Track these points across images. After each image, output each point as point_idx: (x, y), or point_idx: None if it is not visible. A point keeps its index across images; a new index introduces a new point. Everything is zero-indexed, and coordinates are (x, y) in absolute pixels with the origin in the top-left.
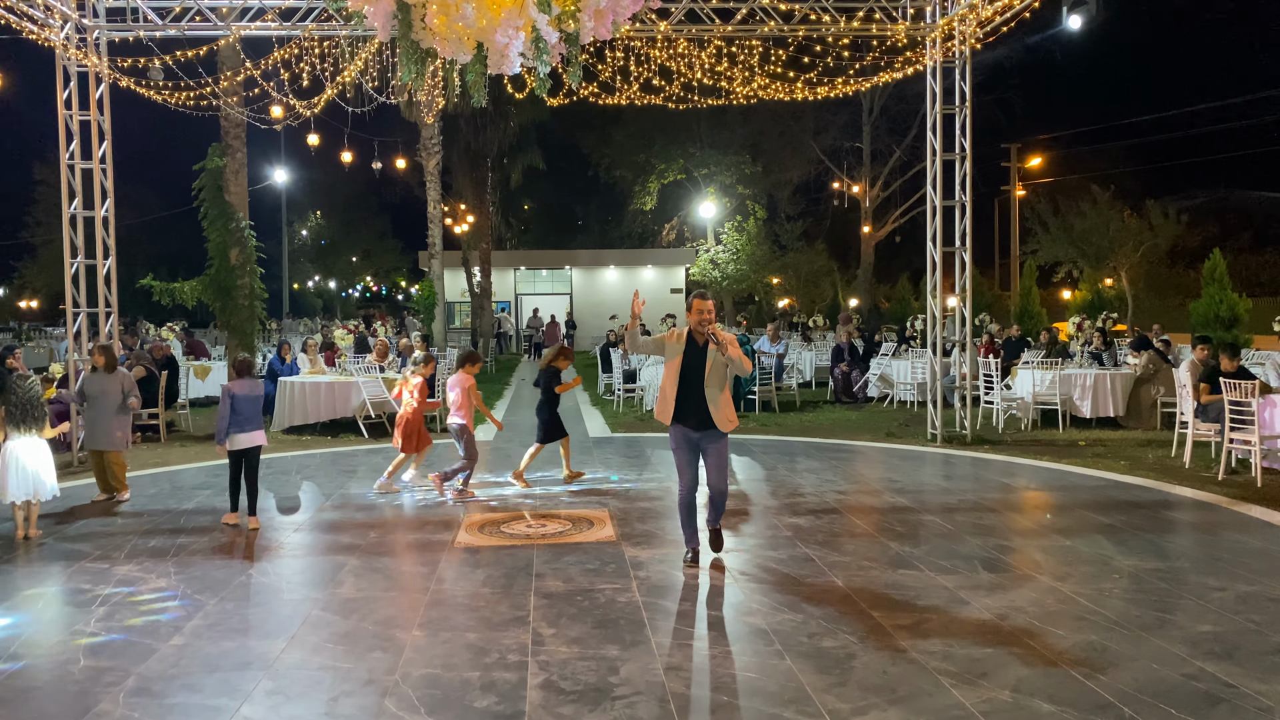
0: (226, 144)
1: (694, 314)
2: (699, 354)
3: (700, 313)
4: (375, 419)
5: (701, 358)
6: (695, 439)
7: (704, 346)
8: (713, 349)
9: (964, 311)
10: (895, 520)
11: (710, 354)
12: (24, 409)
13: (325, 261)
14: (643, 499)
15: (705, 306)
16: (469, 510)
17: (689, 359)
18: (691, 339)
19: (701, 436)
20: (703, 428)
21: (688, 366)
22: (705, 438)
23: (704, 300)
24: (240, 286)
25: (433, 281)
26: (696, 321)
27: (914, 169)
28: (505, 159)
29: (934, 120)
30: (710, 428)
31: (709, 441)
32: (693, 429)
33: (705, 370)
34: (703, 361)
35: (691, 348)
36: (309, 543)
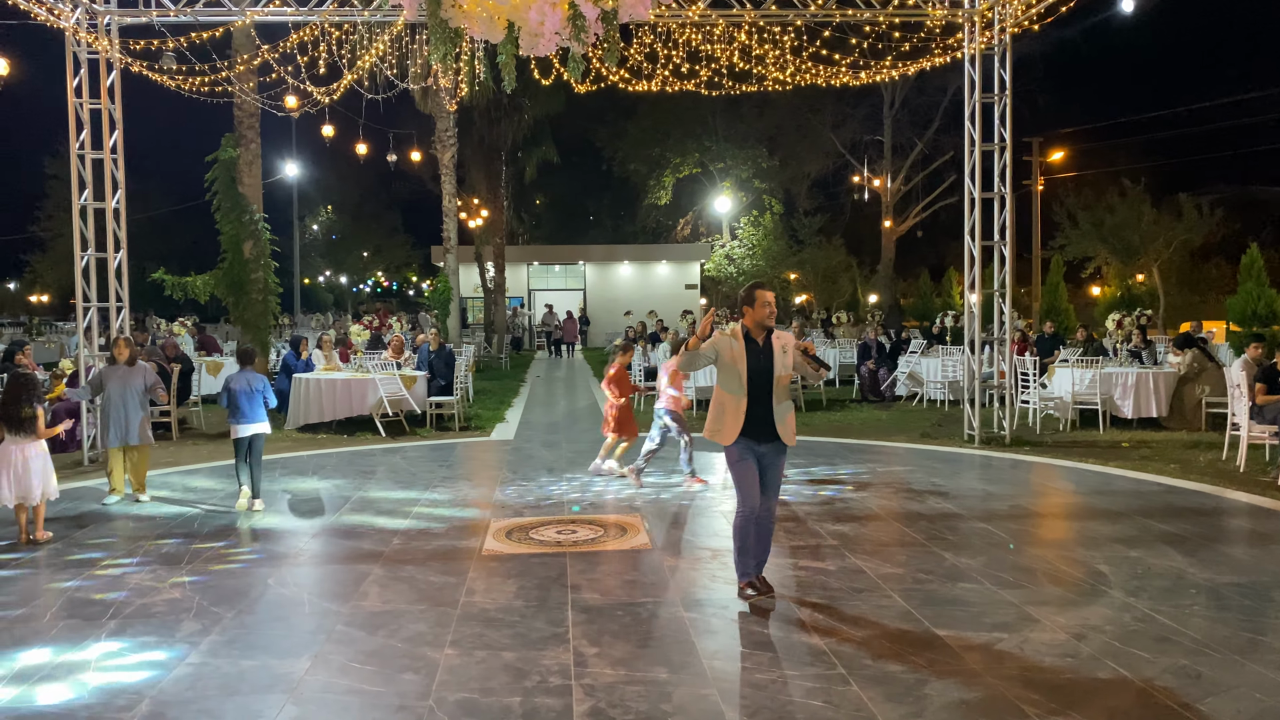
0: (240, 134)
1: (758, 308)
2: (764, 357)
3: (766, 305)
4: (392, 417)
5: (768, 361)
6: (759, 452)
7: (767, 347)
8: (778, 350)
9: (1004, 307)
10: (945, 528)
11: (777, 356)
12: (13, 410)
13: (336, 256)
14: (674, 503)
15: (770, 299)
16: (495, 515)
17: (754, 363)
18: (751, 340)
19: (766, 450)
20: (768, 440)
21: (754, 372)
22: (770, 452)
23: (767, 291)
24: (254, 280)
25: (447, 277)
26: (765, 317)
27: (936, 163)
28: (519, 152)
29: (972, 109)
30: (775, 440)
31: (773, 457)
32: (756, 441)
33: (774, 376)
34: (769, 365)
35: (753, 350)
36: (329, 550)
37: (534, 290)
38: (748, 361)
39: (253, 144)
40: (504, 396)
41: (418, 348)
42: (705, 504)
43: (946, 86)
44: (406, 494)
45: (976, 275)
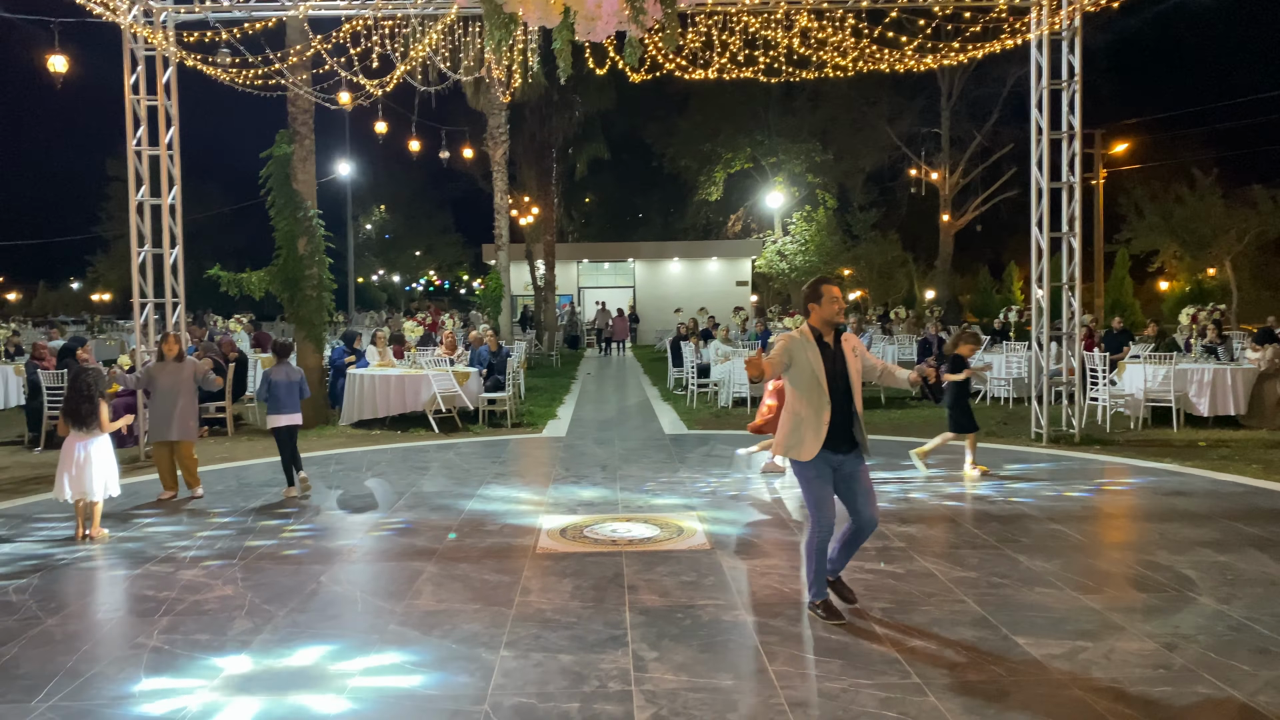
0: (294, 130)
1: (826, 305)
2: (838, 359)
3: (834, 302)
4: (445, 413)
5: (843, 364)
6: (835, 464)
7: (839, 348)
8: (849, 352)
9: (1072, 301)
10: (1017, 529)
11: (849, 359)
12: (74, 404)
13: (389, 255)
14: (731, 502)
15: (838, 294)
16: (549, 512)
17: (830, 368)
18: (823, 342)
19: (844, 460)
20: (846, 450)
21: (833, 376)
22: (849, 461)
23: (834, 286)
24: (308, 277)
25: (499, 274)
26: (834, 314)
27: (995, 155)
28: (570, 149)
29: (1039, 97)
30: (855, 450)
31: (853, 465)
32: (833, 452)
33: (850, 378)
34: (845, 368)
35: (827, 353)
36: (383, 547)
37: (583, 288)
38: (824, 366)
39: (307, 140)
40: (555, 394)
41: (470, 345)
42: (765, 504)
43: (1006, 77)
44: (460, 490)
45: (1044, 268)
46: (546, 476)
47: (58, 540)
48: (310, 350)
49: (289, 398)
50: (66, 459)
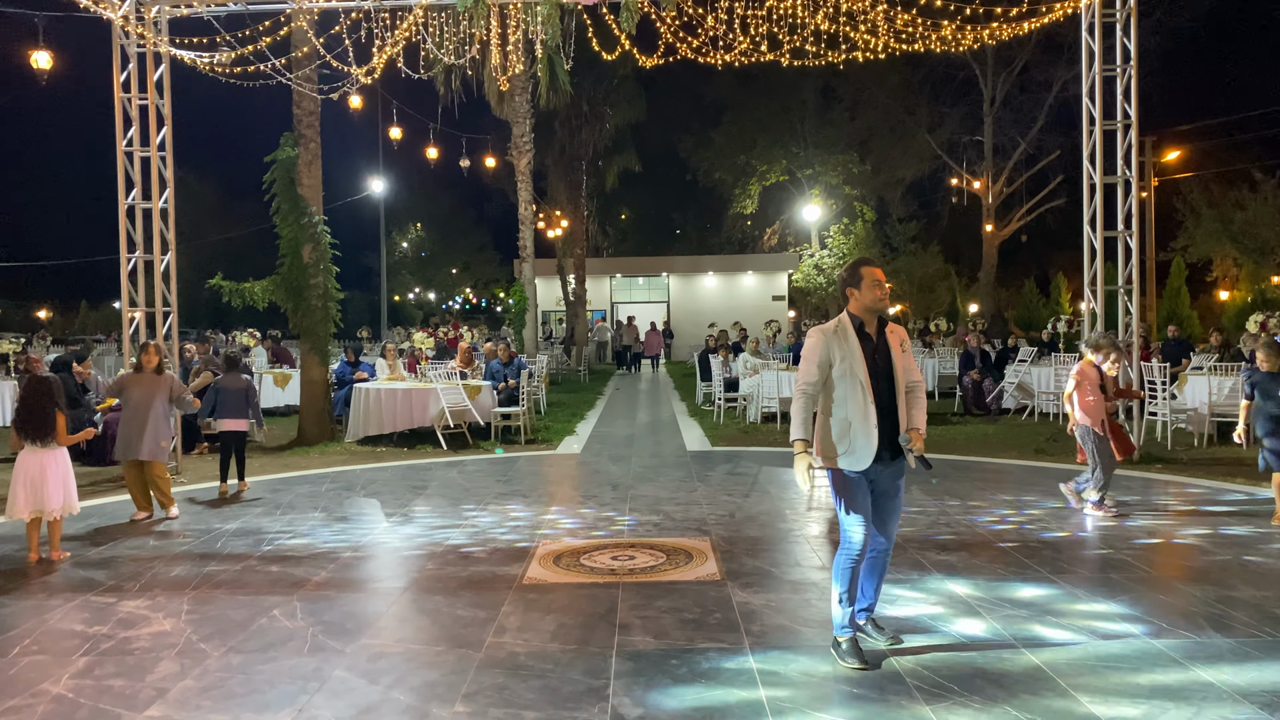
0: (299, 133)
1: (866, 290)
2: (881, 353)
3: (876, 286)
4: (455, 429)
5: (886, 358)
6: (874, 475)
7: (882, 341)
8: (895, 345)
9: (1129, 307)
10: (1073, 559)
11: (896, 353)
12: (26, 416)
13: (425, 273)
14: (751, 525)
15: (880, 277)
16: (546, 536)
17: (873, 364)
18: (864, 331)
19: (884, 472)
20: (889, 460)
21: (875, 373)
22: (889, 474)
23: (875, 268)
24: (313, 286)
25: (523, 287)
26: (875, 300)
27: (1041, 163)
28: (600, 161)
29: (1090, 84)
30: (899, 459)
31: (892, 479)
32: (877, 462)
33: (896, 375)
34: (889, 363)
35: (868, 345)
36: (352, 576)
37: (617, 303)
38: (866, 360)
39: (312, 143)
40: (577, 409)
41: (486, 357)
42: (787, 528)
43: (1051, 82)
44: (454, 512)
45: (1098, 270)
46: (551, 497)
47: (8, 563)
48: (315, 363)
49: (237, 404)
50: (20, 474)
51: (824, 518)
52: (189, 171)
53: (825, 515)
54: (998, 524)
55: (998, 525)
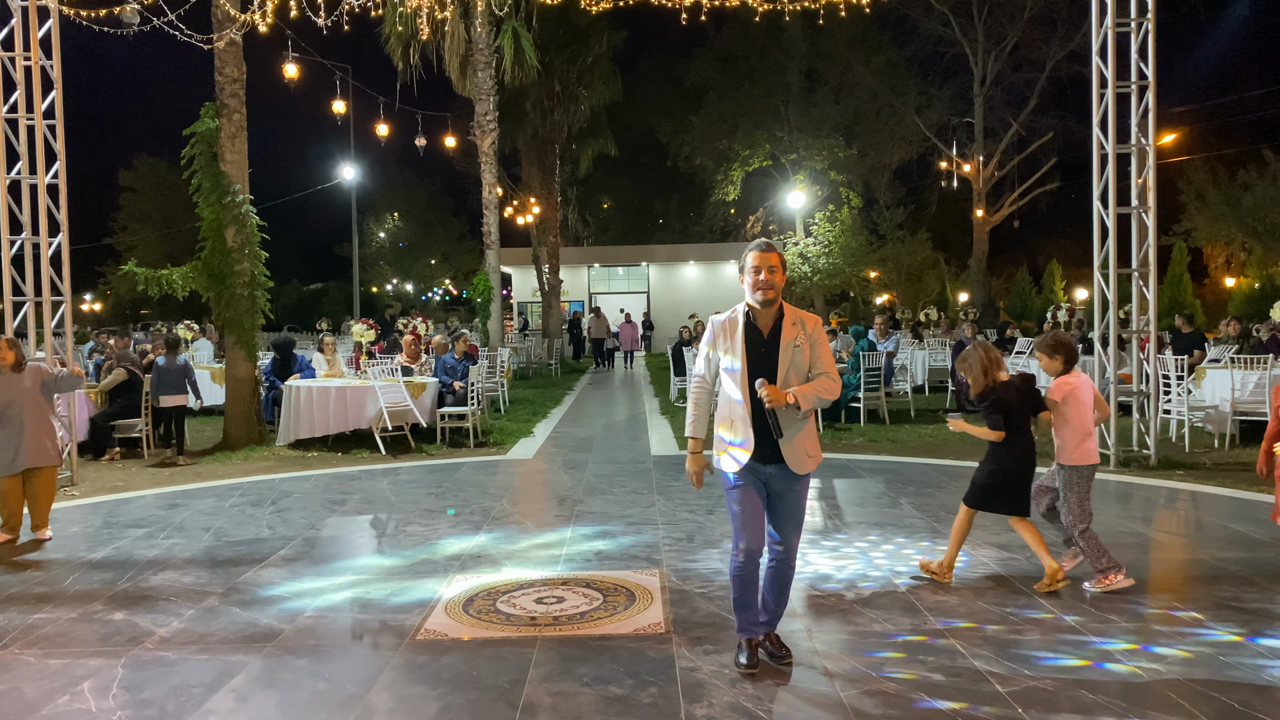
0: (221, 103)
1: (747, 277)
2: (768, 348)
3: (757, 271)
4: (396, 431)
5: (772, 354)
6: (765, 476)
7: (774, 335)
8: (787, 337)
9: (1147, 294)
10: (1097, 593)
11: (785, 346)
12: None
13: (403, 264)
14: (711, 553)
15: (767, 261)
16: (463, 569)
17: (754, 357)
18: (753, 325)
19: (773, 474)
20: (774, 461)
21: (756, 368)
22: (778, 476)
23: (766, 253)
24: (238, 273)
25: (488, 275)
26: (755, 287)
27: (1032, 145)
28: (575, 145)
29: (1102, 40)
30: (783, 463)
31: (784, 483)
32: (761, 462)
33: (780, 373)
34: (773, 358)
35: (753, 339)
36: (207, 628)
37: (595, 293)
38: (747, 354)
39: (236, 114)
40: (541, 406)
41: (434, 351)
42: None
43: (1044, 60)
44: (364, 536)
45: (1110, 250)
46: (485, 514)
47: None
48: (240, 358)
49: (175, 381)
50: None
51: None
52: (162, 158)
53: (809, 545)
54: (1002, 551)
55: (1001, 553)
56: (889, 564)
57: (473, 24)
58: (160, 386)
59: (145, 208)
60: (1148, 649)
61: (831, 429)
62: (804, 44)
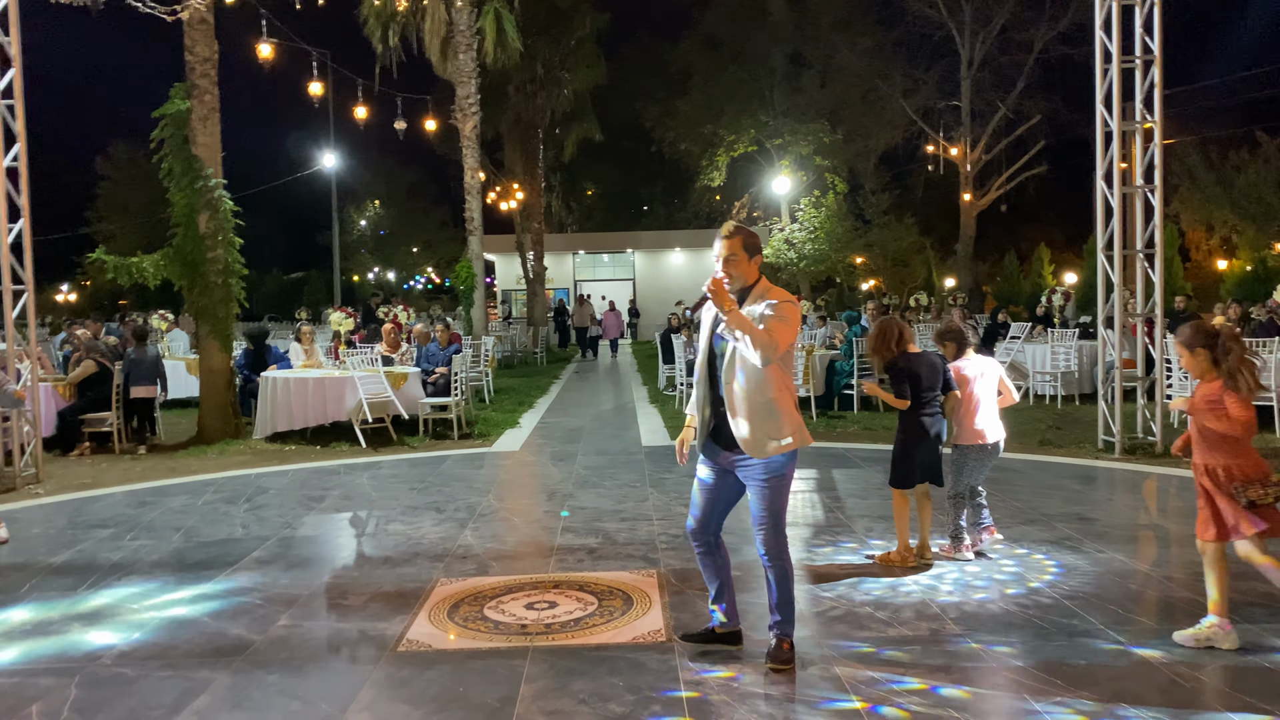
0: (192, 83)
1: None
2: (714, 330)
3: (718, 260)
4: (377, 423)
5: (719, 337)
6: (729, 464)
7: (716, 318)
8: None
9: (1152, 276)
10: (1122, 597)
11: (705, 325)
12: None
13: (384, 252)
14: None
15: (726, 249)
16: (448, 571)
17: (708, 340)
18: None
19: (737, 462)
20: (727, 446)
21: (711, 352)
22: (741, 465)
23: (726, 239)
24: (211, 260)
25: (470, 263)
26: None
27: (1020, 129)
28: (558, 130)
29: (1106, 13)
30: (736, 448)
31: (745, 471)
32: (719, 444)
33: (725, 355)
34: (719, 342)
35: (718, 321)
36: (172, 640)
37: (580, 281)
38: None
39: (208, 94)
40: (527, 396)
41: (415, 339)
42: (759, 567)
43: (1032, 42)
44: (343, 535)
45: (1114, 231)
46: (471, 510)
47: None
48: (215, 349)
49: (147, 373)
50: None
51: (807, 539)
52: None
53: (812, 536)
54: (1015, 550)
55: (1014, 551)
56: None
57: (453, 4)
58: (132, 378)
59: (123, 196)
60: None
61: (825, 417)
62: (789, 27)
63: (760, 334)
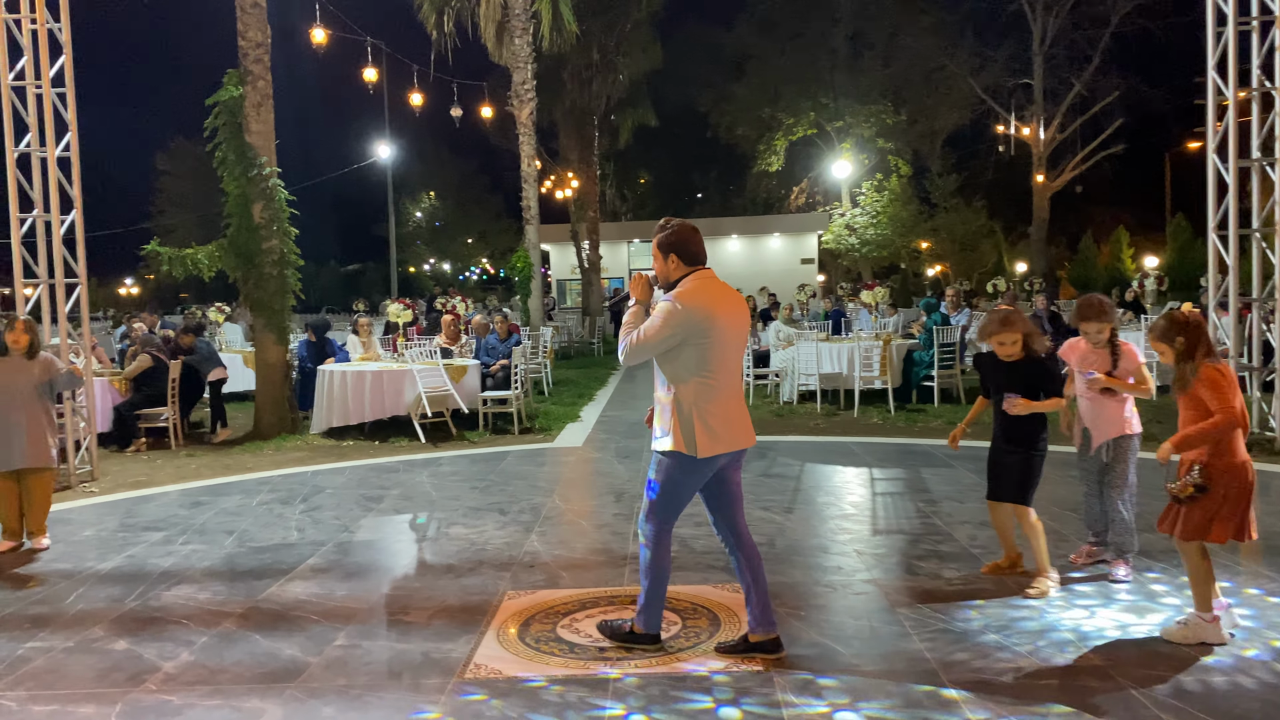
0: (245, 69)
1: None
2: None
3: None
4: (436, 418)
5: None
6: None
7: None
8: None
9: (1271, 256)
10: None
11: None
12: None
13: (439, 243)
14: (797, 561)
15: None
16: (516, 579)
17: None
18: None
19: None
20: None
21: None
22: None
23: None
24: (266, 251)
25: (528, 252)
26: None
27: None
28: (613, 116)
29: None
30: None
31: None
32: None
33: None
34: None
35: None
36: (222, 660)
37: (635, 269)
38: None
39: (261, 80)
40: (587, 388)
41: (474, 332)
42: (855, 568)
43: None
44: (403, 540)
45: (1229, 208)
46: (536, 512)
47: None
48: (270, 342)
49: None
50: None
51: (904, 549)
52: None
53: (908, 545)
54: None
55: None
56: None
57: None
58: (206, 364)
59: (182, 190)
60: None
61: (904, 411)
62: (849, 6)
63: (636, 331)
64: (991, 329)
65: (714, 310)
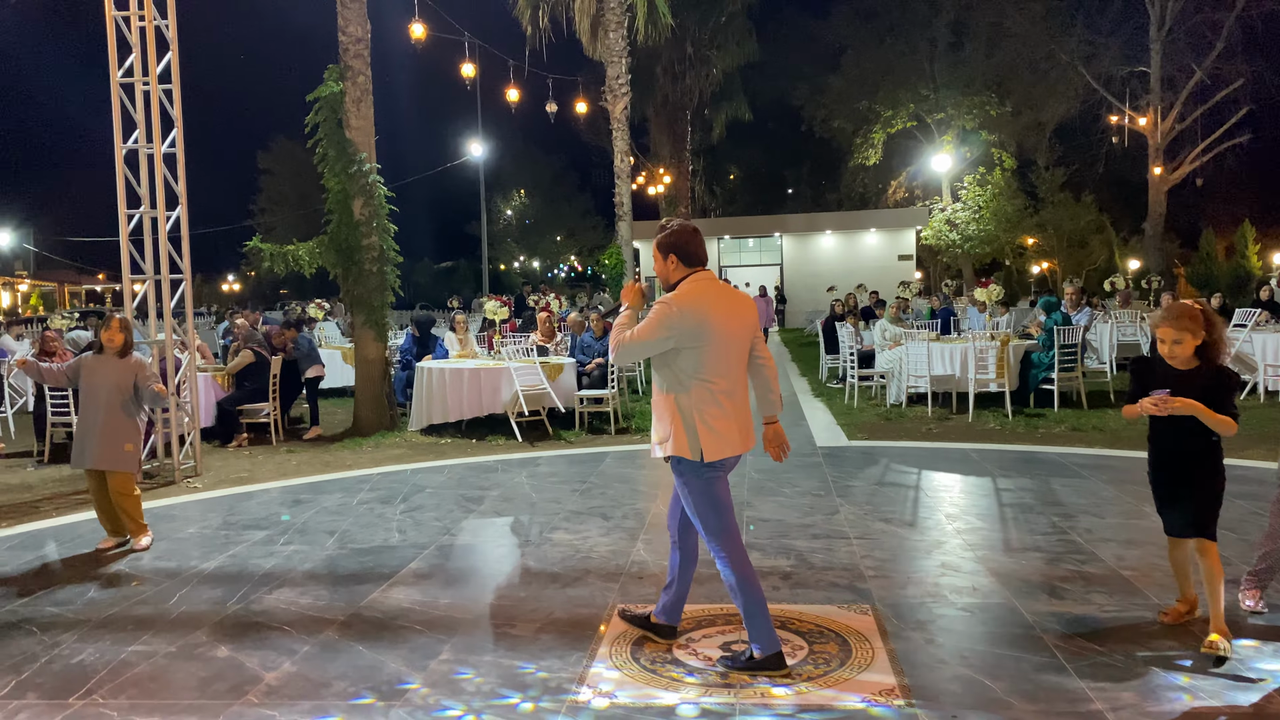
0: (345, 64)
1: None
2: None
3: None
4: (533, 416)
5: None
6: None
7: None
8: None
9: None
10: None
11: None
12: None
13: (529, 241)
14: (924, 581)
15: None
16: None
17: None
18: None
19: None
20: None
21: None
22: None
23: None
24: (366, 248)
25: (620, 249)
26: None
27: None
28: (706, 111)
29: None
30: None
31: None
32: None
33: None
34: None
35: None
36: (324, 673)
37: (725, 266)
38: None
39: (360, 76)
40: None
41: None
42: (993, 588)
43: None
44: (506, 544)
45: None
46: (639, 518)
47: None
48: (370, 339)
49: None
50: None
51: (1044, 568)
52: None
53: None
54: None
55: None
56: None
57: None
58: (305, 360)
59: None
60: None
61: (1023, 415)
62: None
63: (614, 331)
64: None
65: (708, 312)
